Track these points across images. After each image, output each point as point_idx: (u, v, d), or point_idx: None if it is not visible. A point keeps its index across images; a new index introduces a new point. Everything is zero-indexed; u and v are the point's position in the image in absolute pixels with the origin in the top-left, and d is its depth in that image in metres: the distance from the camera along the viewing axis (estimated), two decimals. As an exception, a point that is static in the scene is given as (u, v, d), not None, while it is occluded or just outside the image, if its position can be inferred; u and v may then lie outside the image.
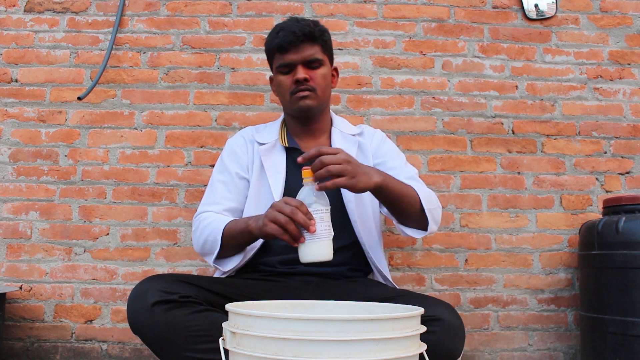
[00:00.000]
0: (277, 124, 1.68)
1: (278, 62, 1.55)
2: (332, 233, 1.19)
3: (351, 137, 1.64)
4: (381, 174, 1.32)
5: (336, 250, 1.44)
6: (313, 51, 1.52)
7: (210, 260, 1.45)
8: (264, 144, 1.61)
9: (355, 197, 1.52)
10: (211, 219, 1.46)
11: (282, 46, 1.52)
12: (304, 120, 1.60)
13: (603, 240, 1.73)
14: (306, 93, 1.52)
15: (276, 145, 1.61)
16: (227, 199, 1.55)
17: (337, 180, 1.21)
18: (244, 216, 1.54)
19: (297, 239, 1.17)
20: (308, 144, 1.61)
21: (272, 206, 1.22)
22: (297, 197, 1.20)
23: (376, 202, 1.59)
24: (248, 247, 1.49)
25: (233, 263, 1.45)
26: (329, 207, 1.19)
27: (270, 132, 1.65)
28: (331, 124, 1.67)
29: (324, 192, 1.20)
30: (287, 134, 1.64)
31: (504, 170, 2.04)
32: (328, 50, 1.58)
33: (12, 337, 1.90)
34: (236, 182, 1.57)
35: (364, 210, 1.55)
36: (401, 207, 1.40)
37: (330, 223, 1.19)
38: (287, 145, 1.60)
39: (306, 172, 1.20)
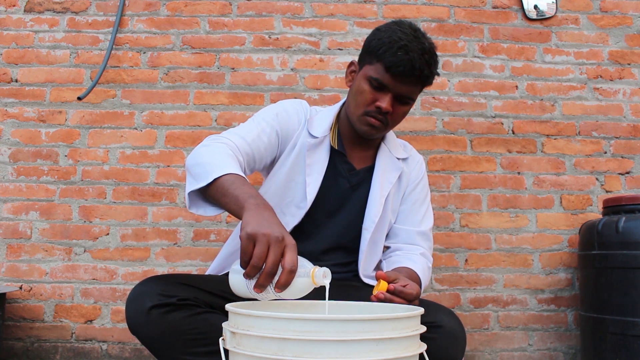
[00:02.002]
0: (331, 116, 1.52)
1: (376, 74, 1.36)
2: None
3: (396, 161, 1.53)
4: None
5: (343, 264, 1.47)
6: (414, 90, 1.38)
7: (189, 186, 1.20)
8: (314, 137, 1.46)
9: (375, 227, 1.46)
10: (226, 152, 1.26)
11: (392, 69, 1.33)
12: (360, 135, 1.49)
13: (603, 240, 1.73)
14: (378, 124, 1.39)
15: (324, 142, 1.47)
16: (257, 147, 1.37)
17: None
18: (264, 190, 1.45)
19: (257, 285, 0.94)
20: (355, 152, 1.51)
21: (283, 239, 0.95)
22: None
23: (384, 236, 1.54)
24: None
25: (204, 211, 1.23)
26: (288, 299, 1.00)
27: (322, 124, 1.49)
28: (381, 139, 1.55)
29: (302, 294, 0.98)
30: (338, 135, 1.51)
31: (504, 170, 2.04)
32: (424, 88, 1.44)
33: (12, 337, 1.90)
34: (271, 138, 1.42)
35: (376, 244, 1.50)
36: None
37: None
38: (336, 147, 1.48)
39: (382, 286, 1.09)
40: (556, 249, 2.00)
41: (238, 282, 0.99)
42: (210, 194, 1.18)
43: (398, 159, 1.54)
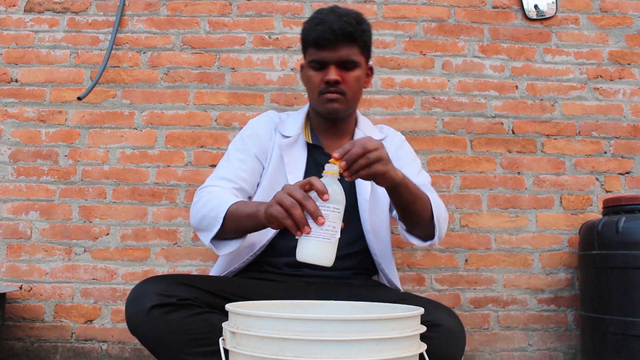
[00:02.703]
0: (301, 115, 1.60)
1: (311, 57, 1.46)
2: (339, 237, 1.07)
3: None
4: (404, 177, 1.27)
5: (345, 256, 1.44)
6: (350, 52, 1.43)
7: (206, 238, 1.35)
8: (287, 137, 1.53)
9: (370, 205, 1.48)
10: (217, 194, 1.37)
11: (318, 42, 1.42)
12: (329, 120, 1.54)
13: (603, 240, 1.73)
14: (335, 96, 1.44)
15: (299, 140, 1.53)
16: (241, 178, 1.47)
17: (375, 166, 1.13)
18: None
19: (301, 227, 1.04)
20: (331, 143, 1.55)
21: (283, 188, 1.11)
22: None
23: (388, 211, 1.56)
24: (253, 244, 1.45)
25: (230, 247, 1.35)
26: (342, 208, 1.07)
27: (294, 124, 1.57)
28: (355, 125, 1.60)
29: (341, 191, 1.08)
30: (311, 130, 1.57)
31: (504, 170, 2.04)
32: (366, 50, 1.49)
33: (12, 337, 1.90)
34: (253, 163, 1.50)
35: (378, 220, 1.52)
36: (413, 209, 1.33)
37: (339, 225, 1.07)
38: (310, 142, 1.54)
39: (335, 161, 1.10)
40: (556, 249, 2.00)
41: (306, 246, 1.06)
42: (226, 231, 1.31)
43: (376, 138, 1.55)
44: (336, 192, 1.06)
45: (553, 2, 2.12)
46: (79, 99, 1.95)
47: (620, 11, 2.14)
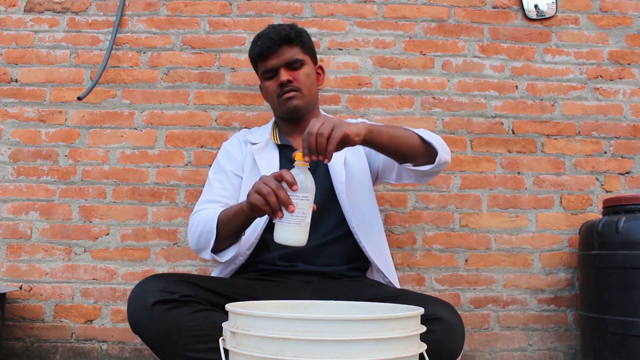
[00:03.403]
0: (269, 125, 1.72)
1: (262, 69, 1.61)
2: (309, 221, 1.20)
3: None
4: (366, 124, 1.32)
5: (331, 242, 1.51)
6: (292, 53, 1.57)
7: (207, 254, 1.45)
8: (256, 143, 1.64)
9: (346, 187, 1.53)
10: (205, 213, 1.47)
11: (262, 53, 1.58)
12: (294, 120, 1.63)
13: (603, 240, 1.73)
14: (292, 94, 1.56)
15: (269, 144, 1.64)
16: (224, 196, 1.57)
17: (333, 135, 1.19)
18: None
19: (276, 212, 1.18)
20: (298, 141, 1.62)
21: (260, 179, 1.24)
22: None
23: (370, 189, 1.60)
24: (243, 243, 1.49)
25: (230, 253, 1.44)
26: (312, 196, 1.21)
27: (262, 133, 1.69)
28: None
29: (311, 179, 1.21)
30: (279, 134, 1.67)
31: (504, 170, 2.04)
32: (309, 50, 1.62)
33: (12, 337, 1.90)
34: (232, 179, 1.60)
35: (358, 199, 1.56)
36: (397, 143, 1.36)
37: (310, 211, 1.21)
38: (279, 142, 1.63)
39: (298, 155, 1.21)
40: (556, 249, 2.00)
41: (281, 230, 1.20)
42: (222, 238, 1.41)
43: None
44: (305, 181, 1.19)
45: (553, 2, 2.12)
46: (79, 99, 1.95)
47: (620, 11, 2.14)
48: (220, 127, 2.02)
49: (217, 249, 1.44)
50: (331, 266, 1.49)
